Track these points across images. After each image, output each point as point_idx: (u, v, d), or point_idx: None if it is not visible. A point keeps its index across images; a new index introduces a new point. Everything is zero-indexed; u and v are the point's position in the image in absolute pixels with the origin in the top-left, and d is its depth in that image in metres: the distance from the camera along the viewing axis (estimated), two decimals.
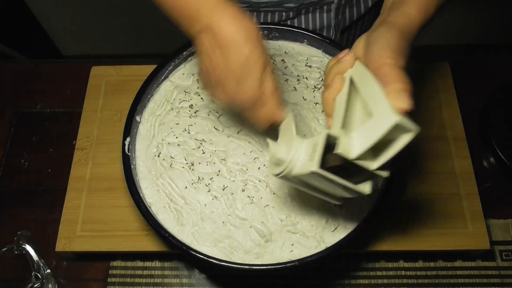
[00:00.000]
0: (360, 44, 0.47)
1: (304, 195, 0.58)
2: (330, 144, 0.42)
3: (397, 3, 0.48)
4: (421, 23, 0.48)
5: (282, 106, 0.48)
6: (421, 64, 0.74)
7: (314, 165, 0.40)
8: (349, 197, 0.46)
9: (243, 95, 0.46)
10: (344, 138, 0.41)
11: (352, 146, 0.40)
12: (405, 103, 0.38)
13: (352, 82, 0.44)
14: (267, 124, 0.49)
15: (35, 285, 0.62)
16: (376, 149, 0.41)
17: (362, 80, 0.43)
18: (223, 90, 0.47)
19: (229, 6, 0.45)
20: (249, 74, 0.45)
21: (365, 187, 0.44)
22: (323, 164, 0.41)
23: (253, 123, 0.49)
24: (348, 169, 0.41)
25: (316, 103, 0.63)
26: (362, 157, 0.40)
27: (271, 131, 0.50)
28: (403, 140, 0.39)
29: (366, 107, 0.42)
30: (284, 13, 0.78)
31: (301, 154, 0.43)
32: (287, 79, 0.65)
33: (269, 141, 0.46)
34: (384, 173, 0.43)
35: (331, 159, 0.41)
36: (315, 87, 0.64)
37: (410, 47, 0.44)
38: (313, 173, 0.41)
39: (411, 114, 0.38)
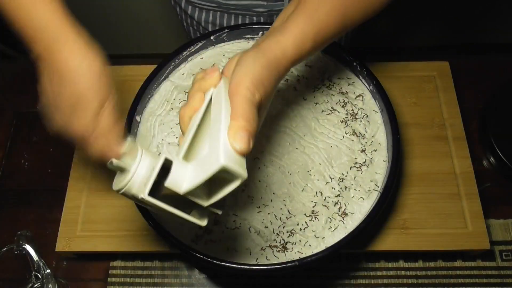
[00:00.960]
0: (233, 62, 0.43)
1: (304, 195, 0.58)
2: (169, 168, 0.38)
3: (277, 30, 0.44)
4: (294, 58, 0.43)
5: (117, 144, 0.43)
6: (421, 64, 0.74)
7: (142, 192, 0.38)
8: (197, 226, 0.43)
9: (74, 128, 0.44)
10: (178, 169, 0.38)
11: (183, 180, 0.38)
12: (240, 144, 0.36)
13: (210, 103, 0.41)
14: (101, 160, 0.45)
15: (35, 285, 0.62)
16: (211, 185, 0.39)
17: (217, 104, 0.40)
18: (52, 118, 0.46)
19: (73, 35, 0.42)
20: (83, 109, 0.42)
21: (203, 220, 0.41)
22: (158, 191, 0.38)
23: (87, 155, 0.46)
24: (185, 198, 0.39)
25: (316, 103, 0.63)
26: (193, 193, 0.38)
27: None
28: (231, 185, 0.37)
29: (210, 136, 0.39)
30: (255, 17, 0.78)
31: (142, 172, 0.40)
32: (287, 79, 0.65)
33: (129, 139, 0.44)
34: (218, 211, 0.41)
35: (164, 188, 0.38)
36: (315, 87, 0.64)
37: (275, 79, 0.41)
38: (144, 200, 0.38)
39: (245, 156, 0.37)
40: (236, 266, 0.51)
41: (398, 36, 1.64)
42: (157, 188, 0.39)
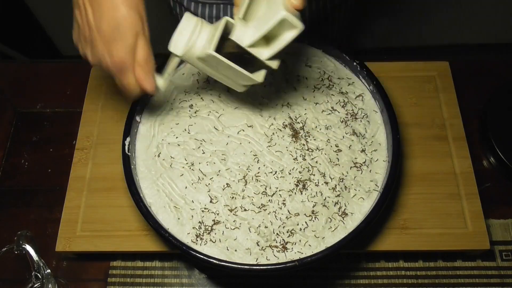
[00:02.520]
0: None
1: (304, 195, 0.58)
2: (230, 32, 0.44)
3: None
4: None
5: (152, 76, 0.47)
6: (421, 64, 0.74)
7: (210, 48, 0.44)
8: (249, 84, 0.50)
9: (111, 60, 0.44)
10: (240, 27, 0.44)
11: (246, 35, 0.44)
12: (297, 0, 0.40)
13: None
14: (135, 93, 0.48)
15: (35, 285, 0.62)
16: (269, 41, 0.44)
17: None
18: (91, 50, 0.46)
19: None
20: (119, 39, 0.43)
21: (259, 75, 0.48)
22: (220, 49, 0.44)
23: (121, 90, 0.48)
24: (245, 58, 0.45)
25: (316, 103, 0.63)
26: (255, 46, 0.44)
27: None
28: (289, 35, 0.43)
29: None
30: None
31: (203, 38, 0.46)
32: (287, 79, 0.65)
33: (186, 14, 0.47)
34: (274, 64, 0.46)
35: (228, 45, 0.45)
36: (315, 87, 0.64)
37: None
38: (209, 56, 0.44)
39: (301, 13, 0.42)
40: (236, 266, 0.51)
41: (398, 36, 1.64)
42: (219, 50, 0.45)
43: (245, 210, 0.57)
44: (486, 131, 0.71)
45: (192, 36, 0.46)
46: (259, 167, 0.59)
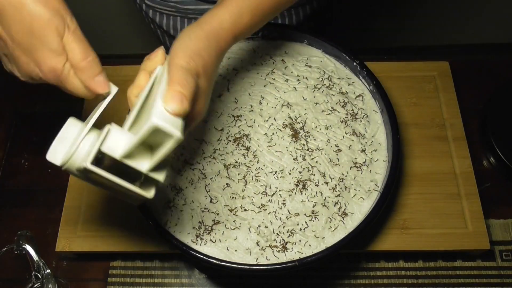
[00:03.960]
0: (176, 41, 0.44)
1: (304, 194, 0.58)
2: None
3: (215, 5, 0.46)
4: (233, 30, 0.45)
5: (100, 75, 0.41)
6: (421, 64, 0.74)
7: (87, 160, 0.38)
8: (143, 198, 0.43)
9: (41, 71, 0.39)
10: (117, 135, 0.39)
11: (119, 145, 0.39)
12: (172, 105, 0.36)
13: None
14: (88, 96, 0.42)
15: (35, 285, 0.62)
16: (152, 152, 0.40)
17: (160, 81, 0.41)
18: (16, 65, 0.40)
19: None
20: (40, 44, 0.37)
21: (149, 191, 0.41)
22: (103, 161, 0.39)
23: (71, 93, 0.42)
24: (131, 170, 0.39)
25: (316, 103, 0.63)
26: (133, 157, 0.39)
27: None
28: (167, 145, 0.38)
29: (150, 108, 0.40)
30: None
31: (84, 148, 0.40)
32: (287, 79, 0.65)
33: (70, 119, 0.42)
34: (160, 176, 0.41)
35: (106, 156, 0.39)
36: (315, 87, 0.64)
37: (215, 51, 0.43)
38: (86, 170, 0.38)
39: (185, 119, 0.38)
40: (236, 266, 0.51)
41: (398, 36, 1.64)
42: (101, 161, 0.40)
43: (245, 210, 0.57)
44: (486, 131, 0.71)
45: (73, 146, 0.40)
46: (259, 167, 0.59)
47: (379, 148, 0.61)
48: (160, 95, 0.38)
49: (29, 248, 0.62)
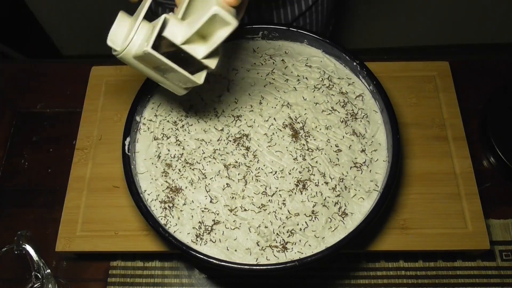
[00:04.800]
0: None
1: (304, 194, 0.58)
2: None
3: None
4: None
5: None
6: (421, 64, 0.74)
7: (147, 45, 0.42)
8: (189, 87, 0.48)
9: None
10: (175, 24, 0.43)
11: (179, 32, 0.42)
12: None
13: None
14: None
15: (35, 285, 0.62)
16: (206, 39, 0.43)
17: None
18: None
19: None
20: None
21: (199, 77, 0.46)
22: (158, 48, 0.42)
23: None
24: (184, 58, 0.44)
25: (316, 103, 0.63)
26: (190, 43, 0.43)
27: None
28: (223, 32, 0.42)
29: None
30: None
31: (140, 36, 0.44)
32: (287, 79, 0.65)
33: (120, 13, 0.46)
34: (212, 63, 0.45)
35: (164, 43, 0.43)
36: (315, 87, 0.64)
37: None
38: (147, 54, 0.42)
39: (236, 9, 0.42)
40: (236, 266, 0.51)
41: (398, 36, 1.64)
42: (156, 49, 0.43)
43: (245, 210, 0.57)
44: (486, 131, 0.71)
45: (130, 33, 0.44)
46: (259, 167, 0.59)
47: (379, 148, 0.61)
48: None
49: (29, 248, 0.62)
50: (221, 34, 0.42)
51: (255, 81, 0.65)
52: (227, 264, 0.51)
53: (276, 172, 0.59)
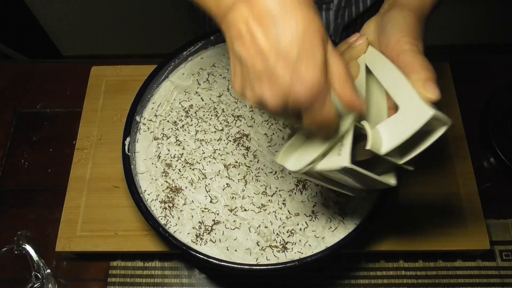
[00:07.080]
0: (370, 27, 0.43)
1: (304, 195, 0.58)
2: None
3: None
4: (432, 3, 0.44)
5: (356, 91, 0.35)
6: None
7: (345, 161, 0.37)
8: (368, 190, 0.45)
9: (302, 86, 0.32)
10: (373, 132, 0.38)
11: (381, 141, 0.38)
12: (434, 93, 0.35)
13: (367, 69, 0.42)
14: (334, 123, 0.36)
15: (35, 285, 0.62)
16: (403, 143, 0.38)
17: (378, 67, 0.40)
18: (270, 84, 0.33)
19: None
20: (309, 55, 0.32)
21: (391, 179, 0.42)
22: (351, 158, 0.38)
23: (315, 126, 0.36)
24: (371, 161, 0.39)
25: None
26: (390, 152, 0.38)
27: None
28: (437, 134, 0.38)
29: (389, 98, 0.39)
30: None
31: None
32: None
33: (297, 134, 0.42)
34: (410, 167, 0.41)
35: (359, 153, 0.39)
36: None
37: (424, 29, 0.41)
38: (345, 168, 0.38)
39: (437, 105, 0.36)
40: (236, 266, 0.51)
41: None
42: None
43: (245, 210, 0.57)
44: (486, 131, 0.71)
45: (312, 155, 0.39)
46: (259, 167, 0.59)
47: None
48: (409, 86, 0.37)
49: (29, 248, 0.62)
50: (432, 137, 0.38)
51: None
52: (227, 264, 0.51)
53: (276, 172, 0.59)
